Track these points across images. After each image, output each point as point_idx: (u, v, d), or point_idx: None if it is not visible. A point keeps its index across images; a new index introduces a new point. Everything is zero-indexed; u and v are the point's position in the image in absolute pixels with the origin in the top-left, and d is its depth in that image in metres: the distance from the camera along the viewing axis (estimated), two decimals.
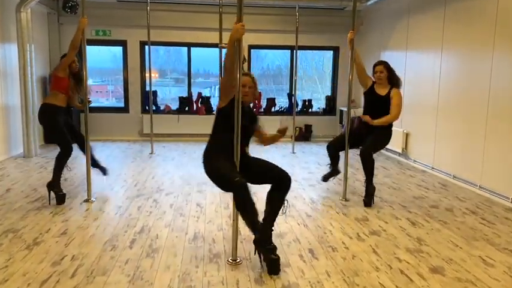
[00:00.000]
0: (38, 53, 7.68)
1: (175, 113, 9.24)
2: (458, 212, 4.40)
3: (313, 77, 11.07)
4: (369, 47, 8.63)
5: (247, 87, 3.20)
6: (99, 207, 4.33)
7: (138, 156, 7.24)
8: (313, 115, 9.73)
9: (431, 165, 6.24)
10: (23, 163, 6.42)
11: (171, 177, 5.63)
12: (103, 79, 10.41)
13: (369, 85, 4.64)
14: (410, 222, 4.05)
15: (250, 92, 3.25)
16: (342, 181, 4.91)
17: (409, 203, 4.69)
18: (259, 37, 8.99)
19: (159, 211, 4.24)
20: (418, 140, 6.71)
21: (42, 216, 4.00)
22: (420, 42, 6.68)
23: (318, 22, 9.07)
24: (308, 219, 4.09)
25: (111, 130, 9.04)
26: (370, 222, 4.01)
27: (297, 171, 6.27)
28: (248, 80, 3.23)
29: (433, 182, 5.65)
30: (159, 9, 8.55)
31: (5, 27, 6.74)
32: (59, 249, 3.26)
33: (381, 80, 4.52)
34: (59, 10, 8.51)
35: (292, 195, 4.93)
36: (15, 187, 5.04)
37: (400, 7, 7.29)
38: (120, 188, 5.07)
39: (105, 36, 8.89)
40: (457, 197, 4.95)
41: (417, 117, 6.72)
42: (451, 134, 5.77)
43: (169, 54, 10.41)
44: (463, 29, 5.54)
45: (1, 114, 6.63)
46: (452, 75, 5.79)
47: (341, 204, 4.57)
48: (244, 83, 3.15)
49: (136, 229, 3.72)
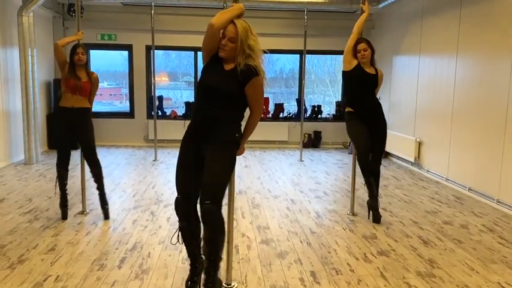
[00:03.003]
0: (41, 58, 7.57)
1: (181, 119, 9.05)
2: (474, 229, 4.10)
3: (325, 80, 10.87)
4: (381, 51, 8.32)
5: (226, 39, 2.45)
6: (93, 220, 4.13)
7: (141, 164, 7.05)
8: (323, 121, 9.45)
9: (445, 176, 5.93)
10: (23, 170, 6.27)
11: (171, 187, 5.42)
12: (117, 82, 10.37)
13: (354, 64, 4.08)
14: (422, 240, 3.76)
15: (229, 48, 2.45)
16: (350, 192, 4.64)
17: (421, 218, 4.40)
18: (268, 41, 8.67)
19: (155, 225, 4.02)
20: (432, 149, 6.40)
21: (32, 230, 3.81)
22: (434, 46, 6.38)
23: (327, 26, 8.81)
24: (312, 236, 3.83)
25: (116, 135, 8.88)
26: (379, 241, 3.74)
27: (304, 180, 6.01)
28: (231, 31, 2.43)
29: (447, 195, 5.35)
30: (165, 13, 8.38)
31: (7, 32, 6.62)
32: (43, 268, 3.06)
33: (365, 59, 4.03)
34: (64, 14, 8.39)
35: (297, 208, 4.68)
36: (10, 197, 4.87)
37: (413, 10, 7.00)
38: (118, 199, 4.88)
39: (110, 41, 8.75)
40: (473, 212, 4.64)
41: (430, 124, 6.41)
42: (466, 143, 5.46)
43: (180, 58, 10.37)
44: (480, 32, 5.23)
45: (2, 120, 6.50)
46: (468, 80, 5.49)
47: (348, 219, 4.30)
48: (225, 33, 2.45)
49: (128, 246, 3.51)
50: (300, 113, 8.28)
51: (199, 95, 2.60)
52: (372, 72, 4.08)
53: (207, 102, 2.52)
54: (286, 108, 9.51)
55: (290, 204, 4.83)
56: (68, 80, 3.97)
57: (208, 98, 2.52)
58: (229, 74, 2.49)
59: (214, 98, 2.50)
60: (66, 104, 4.01)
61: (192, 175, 2.56)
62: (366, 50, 4.00)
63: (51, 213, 4.29)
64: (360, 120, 4.13)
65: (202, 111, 2.54)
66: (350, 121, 4.19)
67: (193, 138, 2.57)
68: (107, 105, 10.43)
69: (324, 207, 4.72)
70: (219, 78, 2.50)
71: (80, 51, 4.00)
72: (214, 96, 2.49)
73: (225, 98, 2.49)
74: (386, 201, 4.96)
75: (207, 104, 2.52)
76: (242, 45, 2.45)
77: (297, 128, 8.65)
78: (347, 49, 4.10)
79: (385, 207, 4.73)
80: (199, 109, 2.57)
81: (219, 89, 2.48)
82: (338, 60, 9.83)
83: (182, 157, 2.60)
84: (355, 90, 4.12)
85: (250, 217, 4.32)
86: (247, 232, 3.89)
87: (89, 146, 4.12)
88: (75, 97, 4.01)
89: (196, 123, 2.56)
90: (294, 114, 9.38)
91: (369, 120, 4.12)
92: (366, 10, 4.20)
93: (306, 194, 5.28)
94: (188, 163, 2.57)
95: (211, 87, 2.51)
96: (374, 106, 4.15)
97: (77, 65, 4.01)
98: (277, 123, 9.12)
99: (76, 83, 3.98)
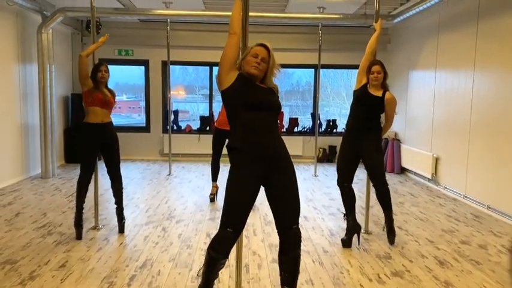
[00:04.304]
0: (60, 73, 7.72)
1: (196, 133, 9.10)
2: (492, 249, 3.97)
3: (341, 93, 10.85)
4: (397, 66, 8.28)
5: (259, 58, 2.51)
6: (105, 236, 4.13)
7: (156, 178, 7.08)
8: (338, 135, 9.37)
9: (463, 193, 5.78)
10: (39, 184, 6.36)
11: (184, 202, 5.41)
12: (136, 95, 10.52)
13: (363, 83, 4.01)
14: (438, 261, 3.65)
15: (262, 66, 2.52)
16: (364, 210, 4.56)
17: (438, 237, 4.28)
18: (283, 56, 8.68)
19: (166, 242, 4.00)
20: (449, 165, 6.27)
21: (44, 245, 3.83)
22: (451, 61, 6.29)
23: (342, 40, 8.78)
24: (324, 255, 3.76)
25: (132, 149, 8.94)
26: (393, 261, 3.64)
27: (317, 196, 5.94)
28: (264, 53, 2.53)
29: (465, 213, 5.21)
30: (181, 28, 8.49)
31: (27, 48, 6.78)
32: (53, 285, 3.06)
33: (377, 82, 3.90)
34: (82, 30, 8.57)
35: (310, 225, 4.62)
36: (26, 211, 4.93)
37: (429, 25, 6.93)
38: (130, 214, 4.88)
39: (127, 56, 8.89)
40: (492, 232, 4.51)
41: (448, 140, 6.29)
42: (485, 159, 5.33)
43: (198, 71, 10.52)
44: (498, 47, 5.14)
45: (20, 134, 6.62)
46: (485, 95, 5.38)
47: (362, 238, 4.21)
48: (257, 52, 2.52)
49: (139, 263, 3.49)
50: (314, 127, 8.23)
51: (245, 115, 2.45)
52: (377, 94, 3.90)
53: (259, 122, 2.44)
54: (301, 122, 9.47)
55: (303, 221, 4.76)
56: (95, 94, 3.95)
57: (261, 116, 2.46)
58: (267, 91, 2.56)
59: (266, 116, 2.48)
60: (95, 119, 3.97)
61: (250, 206, 2.44)
62: (380, 73, 3.89)
63: (64, 228, 4.31)
64: (351, 143, 3.95)
65: (257, 135, 2.43)
66: (342, 140, 4.05)
67: (257, 166, 2.42)
68: (125, 118, 10.59)
69: (337, 225, 4.64)
70: (264, 95, 2.53)
71: (104, 68, 4.03)
72: (266, 113, 2.48)
73: (275, 113, 2.53)
74: (402, 219, 4.86)
75: (262, 126, 2.45)
76: (272, 67, 2.57)
77: (312, 142, 8.61)
78: (360, 69, 4.03)
79: (401, 225, 4.63)
80: (253, 133, 2.43)
81: (271, 105, 2.52)
82: (354, 73, 9.75)
83: (243, 186, 2.42)
84: (354, 109, 4.02)
85: (262, 234, 4.27)
86: (258, 250, 3.84)
87: (116, 162, 4.13)
88: (104, 111, 4.01)
89: (259, 151, 2.42)
90: (309, 129, 9.33)
91: (359, 146, 3.91)
92: (377, 29, 4.14)
93: (320, 211, 5.21)
94: (250, 193, 2.43)
95: (261, 103, 2.49)
96: (364, 130, 3.91)
97: (99, 82, 4.02)
98: (291, 137, 9.07)
99: (104, 97, 4.00)
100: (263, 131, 2.45)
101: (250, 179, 2.42)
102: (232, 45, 2.51)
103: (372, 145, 3.92)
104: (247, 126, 2.45)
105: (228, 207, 2.41)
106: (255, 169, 2.42)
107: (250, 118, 2.44)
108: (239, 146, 2.45)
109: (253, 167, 2.42)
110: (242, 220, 2.42)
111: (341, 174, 3.98)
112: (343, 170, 3.98)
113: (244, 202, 2.40)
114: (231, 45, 2.51)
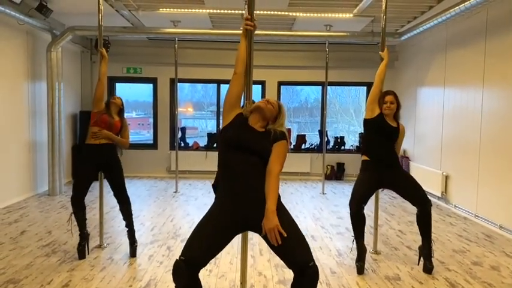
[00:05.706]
0: (69, 91, 7.79)
1: (203, 150, 9.09)
2: (505, 271, 3.86)
3: (349, 110, 10.82)
4: (405, 83, 8.25)
5: (269, 103, 2.50)
6: (109, 255, 4.09)
7: (162, 195, 7.05)
8: (346, 152, 9.30)
9: (474, 213, 5.67)
10: (46, 201, 6.35)
11: (190, 220, 5.37)
12: (145, 112, 10.62)
13: (376, 112, 3.92)
14: (449, 283, 3.55)
15: (269, 109, 2.47)
16: (373, 229, 4.47)
17: (448, 258, 4.18)
18: (290, 73, 8.80)
19: (170, 261, 3.94)
20: (459, 183, 6.16)
21: (48, 264, 3.80)
22: (459, 78, 6.24)
23: (349, 58, 8.79)
24: (332, 276, 3.67)
25: (139, 166, 8.95)
26: (402, 282, 3.55)
27: (325, 215, 5.86)
28: (275, 102, 2.55)
29: (476, 232, 5.09)
30: (189, 47, 8.56)
31: (36, 66, 6.86)
32: None
33: (390, 112, 3.85)
34: (91, 49, 8.67)
35: (318, 245, 4.54)
36: (31, 229, 4.91)
37: (437, 42, 6.91)
38: (136, 233, 4.82)
39: (136, 74, 8.96)
40: (504, 252, 4.39)
41: (457, 158, 6.20)
42: (496, 178, 5.23)
43: (206, 88, 10.65)
44: (506, 64, 5.09)
45: (28, 152, 6.66)
46: (495, 113, 5.31)
47: (371, 258, 4.12)
48: (269, 99, 2.56)
49: (142, 283, 3.44)
50: (322, 145, 8.18)
51: (226, 155, 2.40)
52: (393, 125, 3.88)
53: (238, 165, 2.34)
54: (309, 139, 9.43)
55: (310, 240, 4.68)
56: (102, 116, 3.99)
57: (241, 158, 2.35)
58: (258, 133, 2.44)
59: (246, 158, 2.34)
60: (95, 140, 3.96)
61: (213, 241, 2.28)
62: (393, 103, 3.84)
63: (69, 247, 4.28)
64: (373, 174, 3.85)
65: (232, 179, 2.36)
66: (362, 171, 3.90)
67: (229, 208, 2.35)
68: (135, 134, 10.64)
69: (345, 245, 4.55)
70: (251, 137, 2.40)
71: (116, 96, 4.19)
72: (247, 156, 2.34)
73: (258, 157, 2.36)
74: (411, 239, 4.76)
75: (240, 169, 2.34)
76: (279, 116, 2.50)
77: (320, 160, 8.55)
78: (371, 98, 3.96)
79: (410, 245, 4.53)
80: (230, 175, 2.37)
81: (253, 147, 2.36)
82: (362, 90, 9.75)
83: (210, 219, 2.35)
84: (374, 138, 3.92)
85: (268, 254, 4.19)
86: (264, 271, 3.77)
87: (119, 183, 4.07)
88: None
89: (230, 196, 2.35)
90: (316, 146, 9.28)
91: (386, 174, 3.83)
92: (385, 57, 4.10)
93: (327, 230, 5.12)
94: (215, 228, 2.31)
95: (241, 145, 2.37)
96: (390, 157, 3.86)
97: (112, 104, 4.10)
98: (299, 154, 9.03)
99: (109, 119, 4.02)
100: (240, 174, 2.33)
101: (219, 214, 2.34)
102: (234, 84, 2.55)
103: (401, 170, 3.94)
104: (225, 166, 2.41)
105: (190, 236, 2.31)
106: (226, 209, 2.34)
107: (230, 159, 2.37)
108: (218, 184, 2.46)
109: (225, 207, 2.35)
110: (199, 255, 2.23)
111: (359, 197, 3.82)
112: (362, 195, 3.82)
113: (207, 234, 2.27)
114: (234, 84, 2.55)
